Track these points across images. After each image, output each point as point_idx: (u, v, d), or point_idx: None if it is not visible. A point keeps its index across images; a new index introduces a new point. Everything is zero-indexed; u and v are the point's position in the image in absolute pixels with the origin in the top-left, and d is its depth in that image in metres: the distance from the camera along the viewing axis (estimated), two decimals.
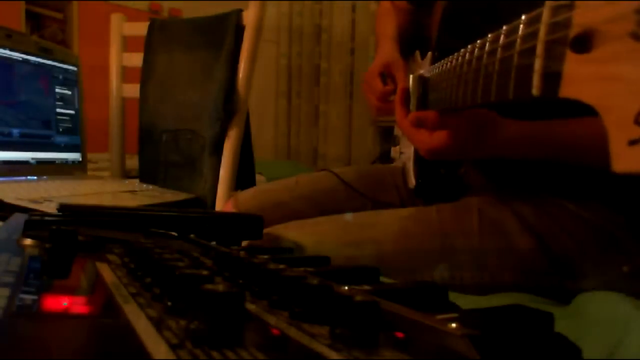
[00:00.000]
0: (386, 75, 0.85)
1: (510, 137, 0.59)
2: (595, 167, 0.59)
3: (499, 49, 0.38)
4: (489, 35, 0.40)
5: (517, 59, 0.34)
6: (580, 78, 0.26)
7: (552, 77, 0.29)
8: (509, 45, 0.36)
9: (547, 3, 0.30)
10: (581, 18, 0.26)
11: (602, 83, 0.24)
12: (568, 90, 0.27)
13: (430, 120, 0.60)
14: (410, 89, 0.66)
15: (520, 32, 0.34)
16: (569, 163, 0.62)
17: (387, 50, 0.88)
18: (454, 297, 0.45)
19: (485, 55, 0.41)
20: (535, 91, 0.31)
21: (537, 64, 0.30)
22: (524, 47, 0.33)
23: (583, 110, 0.25)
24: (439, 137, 0.59)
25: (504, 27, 0.37)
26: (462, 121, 0.57)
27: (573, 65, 0.27)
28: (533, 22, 0.32)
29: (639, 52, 0.21)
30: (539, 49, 0.30)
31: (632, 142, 0.21)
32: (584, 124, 0.52)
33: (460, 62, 0.49)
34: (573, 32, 0.26)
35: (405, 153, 0.91)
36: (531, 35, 0.32)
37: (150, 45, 1.40)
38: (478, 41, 0.43)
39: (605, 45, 0.24)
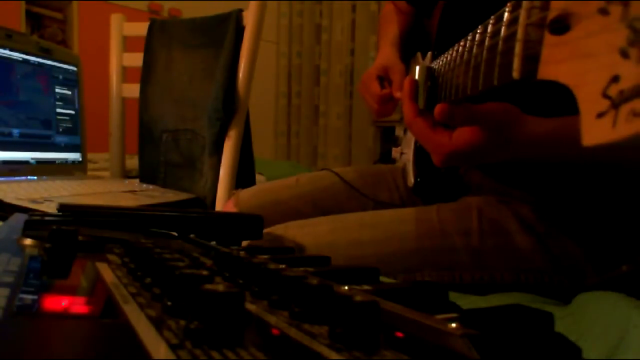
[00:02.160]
0: (384, 78, 0.85)
1: (539, 134, 0.51)
2: (620, 165, 0.56)
3: (487, 38, 0.38)
4: (479, 27, 0.41)
5: (501, 45, 0.35)
6: (556, 59, 0.27)
7: (531, 60, 0.30)
8: (495, 33, 0.37)
9: None
10: (558, 1, 0.26)
11: (575, 62, 0.24)
12: (546, 71, 0.28)
13: (460, 113, 0.49)
14: (418, 82, 0.58)
15: (504, 19, 0.35)
16: (591, 161, 0.56)
17: (386, 54, 0.88)
18: (454, 297, 0.45)
19: (475, 46, 0.42)
20: (515, 74, 0.32)
21: (518, 48, 0.31)
22: (507, 32, 0.34)
23: None
24: (462, 137, 0.51)
25: (492, 17, 0.38)
26: (485, 117, 0.50)
27: (551, 48, 0.27)
28: (515, 8, 0.33)
29: (606, 27, 0.22)
30: (520, 33, 0.31)
31: (600, 115, 0.21)
32: None
33: (452, 56, 0.49)
34: (551, 14, 0.27)
35: (406, 154, 0.91)
36: (513, 21, 0.33)
37: (150, 45, 1.40)
38: (480, 27, 0.43)
39: (580, 25, 0.24)
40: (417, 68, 0.58)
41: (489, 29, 0.38)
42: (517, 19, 0.32)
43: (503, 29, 0.35)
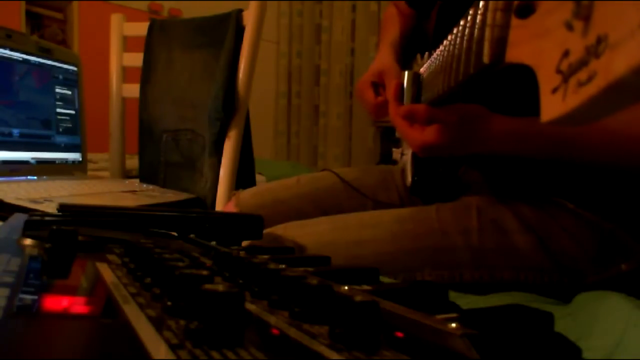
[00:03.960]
0: (378, 84, 0.85)
1: (500, 132, 0.59)
2: (584, 163, 0.60)
3: (467, 29, 0.39)
4: (461, 20, 0.42)
5: (477, 33, 0.36)
6: (521, 41, 0.27)
7: (500, 43, 0.31)
8: (473, 23, 0.37)
9: None
10: None
11: (535, 42, 0.25)
12: (512, 54, 0.29)
13: (421, 113, 0.60)
14: (405, 86, 0.66)
15: (480, 7, 0.36)
16: (560, 159, 0.61)
17: (382, 57, 0.88)
18: (454, 296, 0.45)
19: (457, 38, 0.43)
20: (485, 59, 0.33)
21: (488, 33, 0.32)
22: (481, 20, 0.35)
23: None
24: (430, 132, 0.59)
25: (470, 9, 0.39)
26: (453, 115, 0.58)
27: (517, 30, 0.28)
28: None
29: (558, 4, 0.22)
30: (489, 18, 0.32)
31: (554, 90, 0.22)
32: None
33: (441, 51, 0.51)
34: None
35: (406, 154, 0.91)
36: (485, 7, 0.34)
37: (150, 45, 1.40)
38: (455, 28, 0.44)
39: (541, 7, 0.25)
40: (406, 73, 0.65)
41: (468, 20, 0.39)
42: (487, 5, 0.33)
43: (478, 16, 0.36)
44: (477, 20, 0.36)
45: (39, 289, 0.26)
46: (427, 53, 0.80)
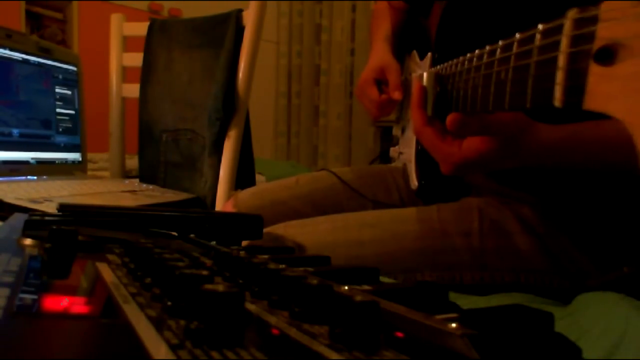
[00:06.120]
0: (381, 81, 0.85)
1: (547, 142, 0.51)
2: (625, 170, 0.55)
3: (513, 57, 0.37)
4: (500, 42, 0.40)
5: (534, 68, 0.34)
6: (605, 91, 0.26)
7: (575, 89, 0.29)
8: (524, 55, 0.35)
9: (569, 15, 0.30)
10: (605, 32, 0.26)
11: (631, 97, 0.24)
12: (592, 102, 0.27)
13: (474, 125, 0.49)
14: (427, 89, 0.58)
15: (537, 42, 0.33)
16: (600, 167, 0.56)
17: (380, 53, 0.88)
18: (454, 297, 0.45)
19: (496, 62, 0.41)
20: (557, 103, 0.31)
21: (560, 76, 0.30)
22: (542, 57, 0.33)
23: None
24: (472, 146, 0.51)
25: (517, 36, 0.37)
26: (498, 127, 0.50)
27: (596, 78, 0.27)
28: (553, 33, 0.32)
29: None
30: (561, 60, 0.30)
31: None
32: (614, 124, 0.48)
33: (474, 62, 0.47)
34: (597, 44, 0.26)
35: (404, 153, 0.91)
36: (551, 46, 0.32)
37: (150, 45, 1.40)
38: (500, 42, 0.41)
39: (634, 59, 0.24)
40: (425, 75, 0.58)
41: (514, 48, 0.37)
42: (555, 45, 0.31)
43: (535, 51, 0.33)
44: (534, 57, 0.33)
45: (39, 289, 0.26)
46: (429, 53, 0.80)
